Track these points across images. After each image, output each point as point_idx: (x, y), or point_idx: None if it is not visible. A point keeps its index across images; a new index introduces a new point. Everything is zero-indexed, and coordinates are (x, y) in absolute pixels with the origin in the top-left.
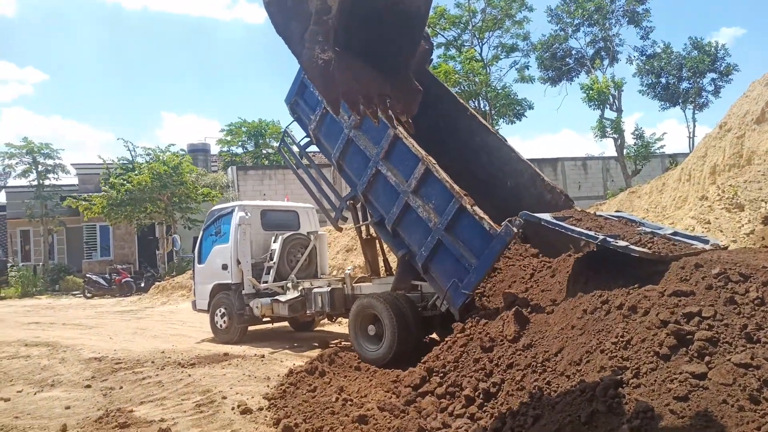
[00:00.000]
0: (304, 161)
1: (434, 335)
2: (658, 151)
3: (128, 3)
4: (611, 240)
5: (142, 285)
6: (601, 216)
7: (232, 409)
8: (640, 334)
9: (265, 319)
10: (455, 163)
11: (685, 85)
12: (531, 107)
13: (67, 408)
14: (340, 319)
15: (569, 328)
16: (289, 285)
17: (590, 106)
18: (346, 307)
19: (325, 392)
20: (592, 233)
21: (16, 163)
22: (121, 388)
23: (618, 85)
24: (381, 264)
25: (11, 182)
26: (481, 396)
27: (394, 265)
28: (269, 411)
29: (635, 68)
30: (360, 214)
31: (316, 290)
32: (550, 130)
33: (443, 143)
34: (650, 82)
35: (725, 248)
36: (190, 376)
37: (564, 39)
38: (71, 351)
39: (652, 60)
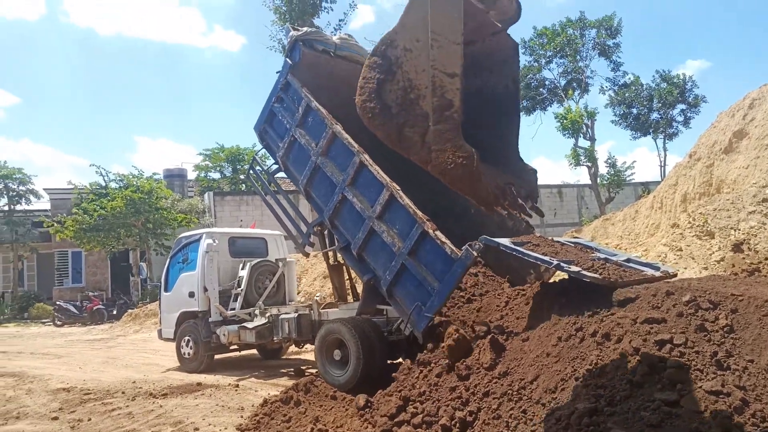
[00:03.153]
0: (273, 188)
1: (400, 359)
2: (629, 179)
3: (102, 28)
4: (565, 265)
5: (115, 312)
6: (558, 242)
7: None
8: (613, 361)
9: (232, 347)
10: (420, 190)
11: (655, 115)
12: None
13: None
14: (306, 345)
15: (544, 355)
16: (257, 312)
17: (564, 135)
18: (313, 334)
19: (300, 422)
20: (547, 258)
21: None
22: (90, 419)
23: (590, 114)
24: (349, 290)
25: None
26: (457, 425)
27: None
28: None
29: (607, 99)
30: (327, 240)
31: (283, 316)
32: (526, 157)
33: (408, 169)
34: (622, 112)
35: (675, 275)
36: (161, 407)
37: (537, 70)
38: (38, 381)
39: (624, 91)
